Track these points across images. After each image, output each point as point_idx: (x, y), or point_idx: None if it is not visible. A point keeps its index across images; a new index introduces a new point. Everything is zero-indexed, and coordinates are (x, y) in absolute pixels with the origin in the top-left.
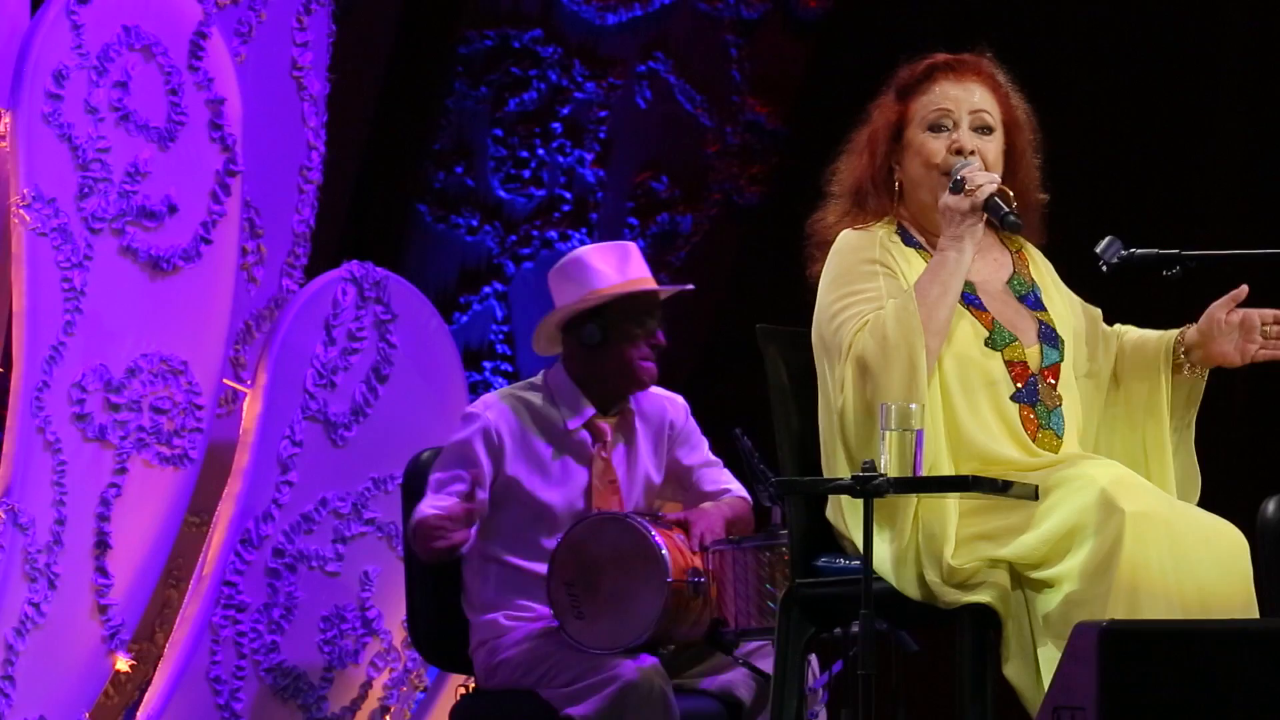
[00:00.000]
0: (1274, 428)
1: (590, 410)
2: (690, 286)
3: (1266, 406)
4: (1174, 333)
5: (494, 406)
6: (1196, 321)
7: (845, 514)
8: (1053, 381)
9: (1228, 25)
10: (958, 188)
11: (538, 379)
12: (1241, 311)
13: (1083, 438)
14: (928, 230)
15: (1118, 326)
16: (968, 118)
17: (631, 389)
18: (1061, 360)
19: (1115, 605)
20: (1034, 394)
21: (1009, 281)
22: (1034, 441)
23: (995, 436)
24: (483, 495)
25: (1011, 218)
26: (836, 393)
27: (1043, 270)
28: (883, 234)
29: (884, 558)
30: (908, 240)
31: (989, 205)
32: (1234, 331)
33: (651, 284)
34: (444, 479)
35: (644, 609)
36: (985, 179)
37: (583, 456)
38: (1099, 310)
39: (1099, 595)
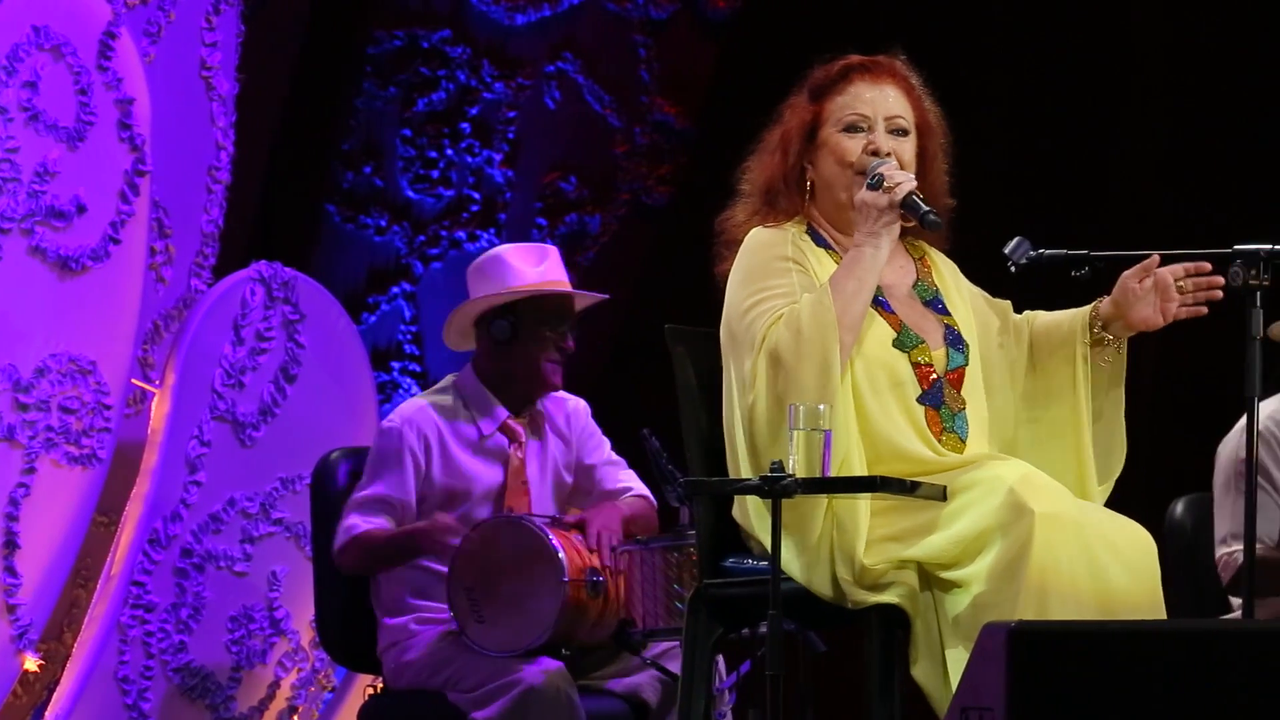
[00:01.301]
0: (1181, 429)
1: (503, 412)
2: (605, 296)
3: (1173, 408)
4: (1087, 308)
5: (410, 417)
6: (1109, 295)
7: (752, 514)
8: (958, 385)
9: (1138, 27)
10: (876, 184)
11: (447, 383)
12: (1154, 273)
13: (991, 439)
14: (839, 230)
15: (1027, 313)
16: (883, 120)
17: (537, 392)
18: (966, 364)
19: (1024, 607)
20: (939, 397)
21: (914, 286)
22: (938, 443)
23: (909, 437)
24: (411, 512)
25: (931, 216)
26: (748, 388)
27: (945, 275)
28: (794, 232)
29: (794, 557)
30: (818, 240)
31: (907, 203)
32: (1150, 295)
33: (567, 287)
34: (370, 500)
35: (542, 609)
36: (903, 177)
37: (497, 458)
38: (1008, 302)
39: (1008, 597)
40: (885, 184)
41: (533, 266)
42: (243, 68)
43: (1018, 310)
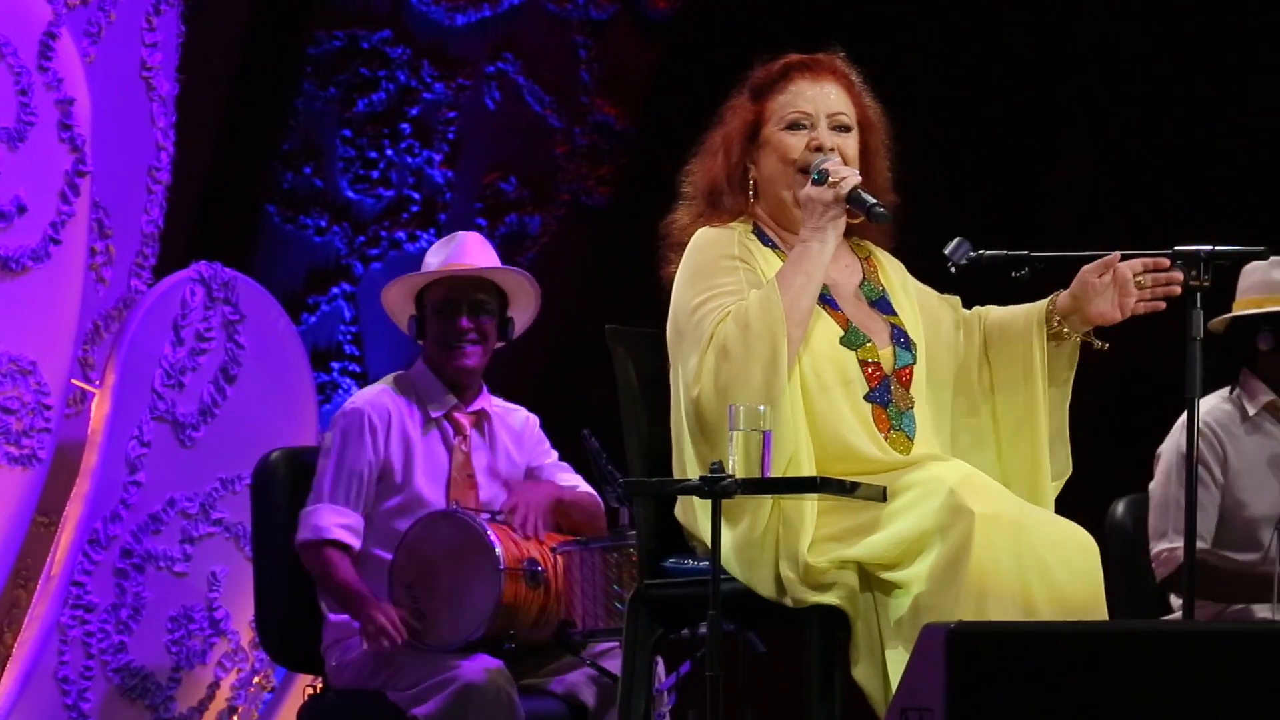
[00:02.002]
0: (1122, 430)
1: (451, 399)
2: (519, 270)
3: (1115, 409)
4: (1044, 302)
5: (370, 399)
6: (1065, 289)
7: (697, 514)
8: (906, 384)
9: (1079, 29)
10: (820, 180)
11: (399, 374)
12: (1113, 268)
13: (940, 438)
14: (784, 229)
15: (978, 308)
16: (825, 117)
17: (451, 377)
18: (914, 363)
19: (964, 608)
20: (886, 395)
21: (860, 286)
22: (885, 442)
23: (857, 434)
24: (370, 492)
25: (878, 208)
26: (693, 384)
27: (891, 275)
28: (740, 231)
29: (736, 555)
30: (764, 240)
31: (853, 197)
32: (1108, 289)
33: (464, 267)
34: (336, 486)
35: (480, 600)
36: (848, 172)
37: (445, 447)
38: (957, 297)
39: (948, 599)
40: (830, 179)
41: (438, 255)
42: (183, 68)
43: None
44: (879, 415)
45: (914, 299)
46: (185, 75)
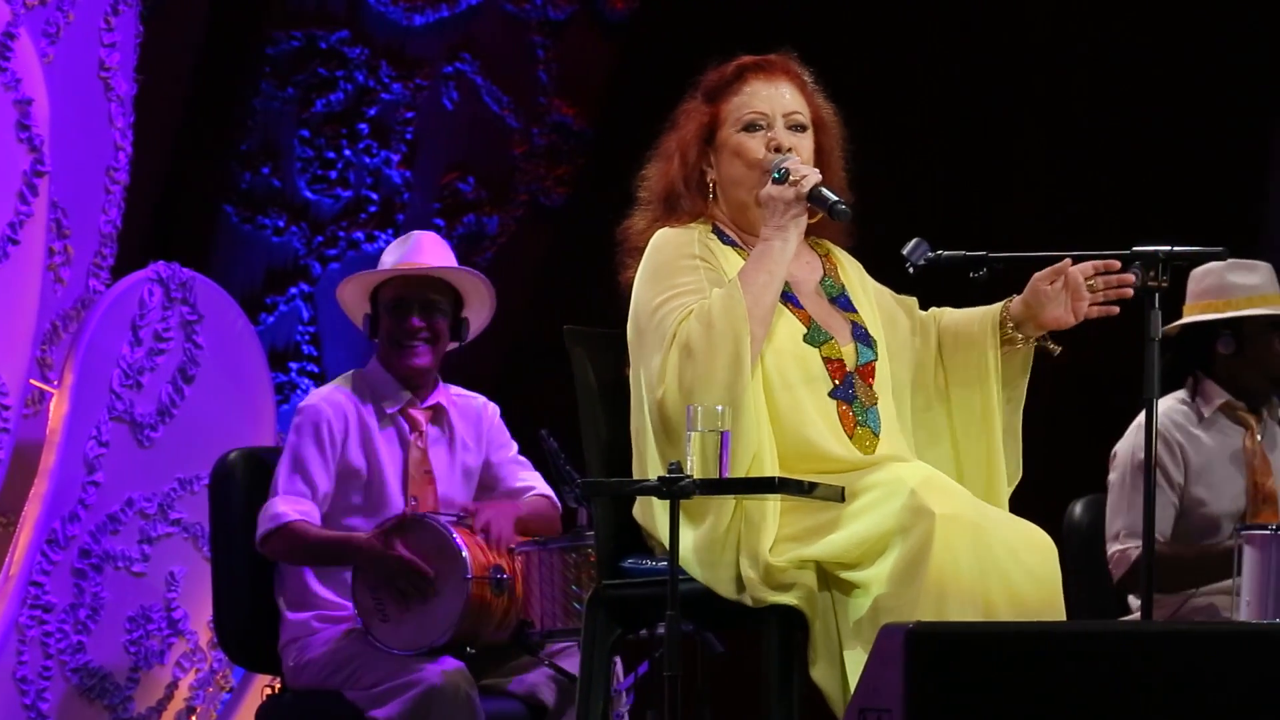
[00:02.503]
0: (1079, 431)
1: (405, 395)
2: (473, 271)
3: (1072, 410)
4: (997, 307)
5: (326, 397)
6: (1019, 294)
7: (656, 514)
8: (870, 380)
9: (1036, 29)
10: (781, 178)
11: (357, 372)
12: (1064, 274)
13: (905, 436)
14: (744, 230)
15: (934, 310)
16: (781, 117)
17: (404, 376)
18: (876, 360)
19: (923, 609)
20: (851, 391)
21: (821, 283)
22: (850, 439)
23: (821, 432)
24: (329, 488)
25: (840, 206)
26: (657, 383)
27: (850, 273)
28: (700, 231)
29: (696, 554)
30: (724, 239)
31: (814, 195)
32: (1061, 294)
33: (418, 266)
34: (294, 483)
35: (446, 608)
36: (808, 170)
37: (399, 442)
38: (914, 299)
39: (907, 600)
40: (791, 177)
41: (394, 254)
42: (141, 68)
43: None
44: (844, 412)
45: (873, 296)
46: (143, 75)
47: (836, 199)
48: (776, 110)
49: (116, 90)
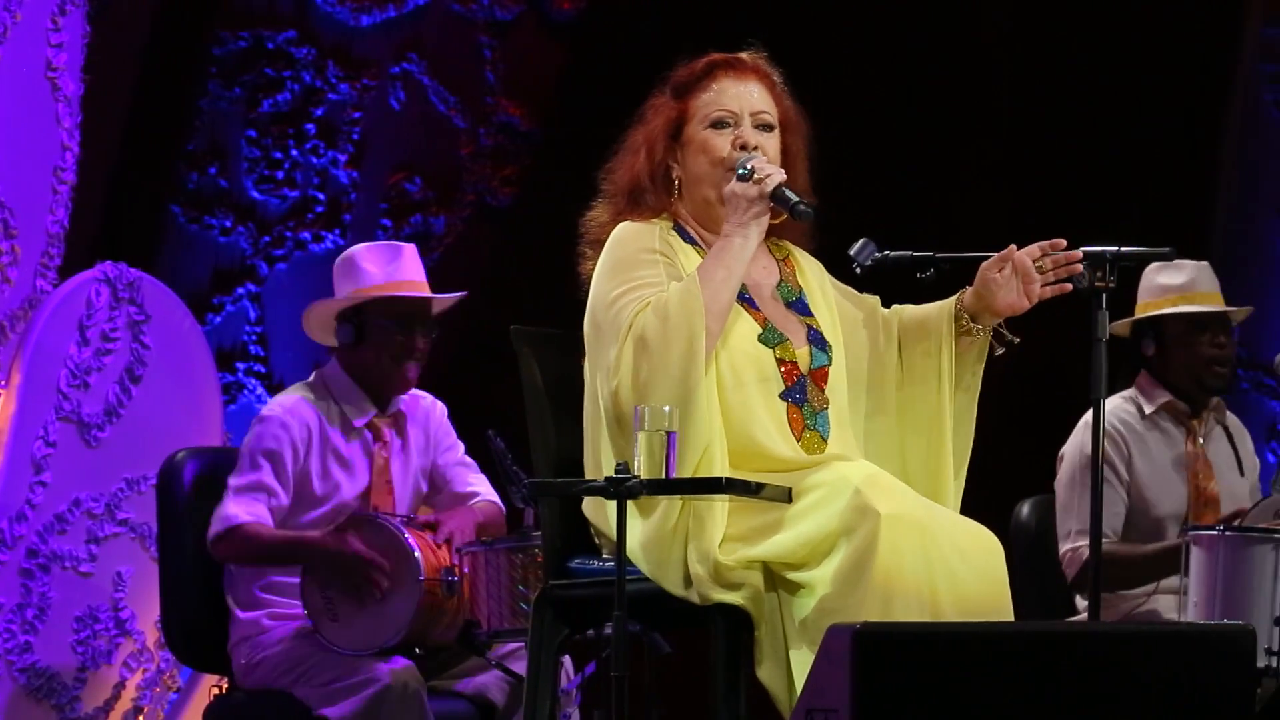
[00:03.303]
0: (1027, 431)
1: (372, 410)
2: (462, 294)
3: (1020, 410)
4: (952, 300)
5: (290, 408)
6: (971, 286)
7: (606, 511)
8: (822, 384)
9: (987, 31)
10: (745, 176)
11: (314, 379)
12: (1011, 260)
13: (856, 441)
14: (706, 228)
15: (895, 307)
16: (749, 115)
17: (391, 392)
18: (830, 364)
19: (869, 609)
20: (802, 394)
21: (778, 287)
22: (799, 441)
23: (769, 432)
24: (286, 500)
25: (801, 206)
26: (612, 375)
27: (809, 276)
28: (661, 227)
29: (645, 551)
30: (685, 237)
31: (776, 195)
32: (1011, 280)
33: (416, 289)
34: (248, 487)
35: (398, 609)
36: (772, 169)
37: (365, 454)
38: (876, 297)
39: (853, 600)
40: (755, 176)
41: (382, 267)
42: (88, 68)
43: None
44: (794, 414)
45: (831, 300)
46: (90, 75)
47: (798, 199)
48: (745, 108)
49: (64, 90)
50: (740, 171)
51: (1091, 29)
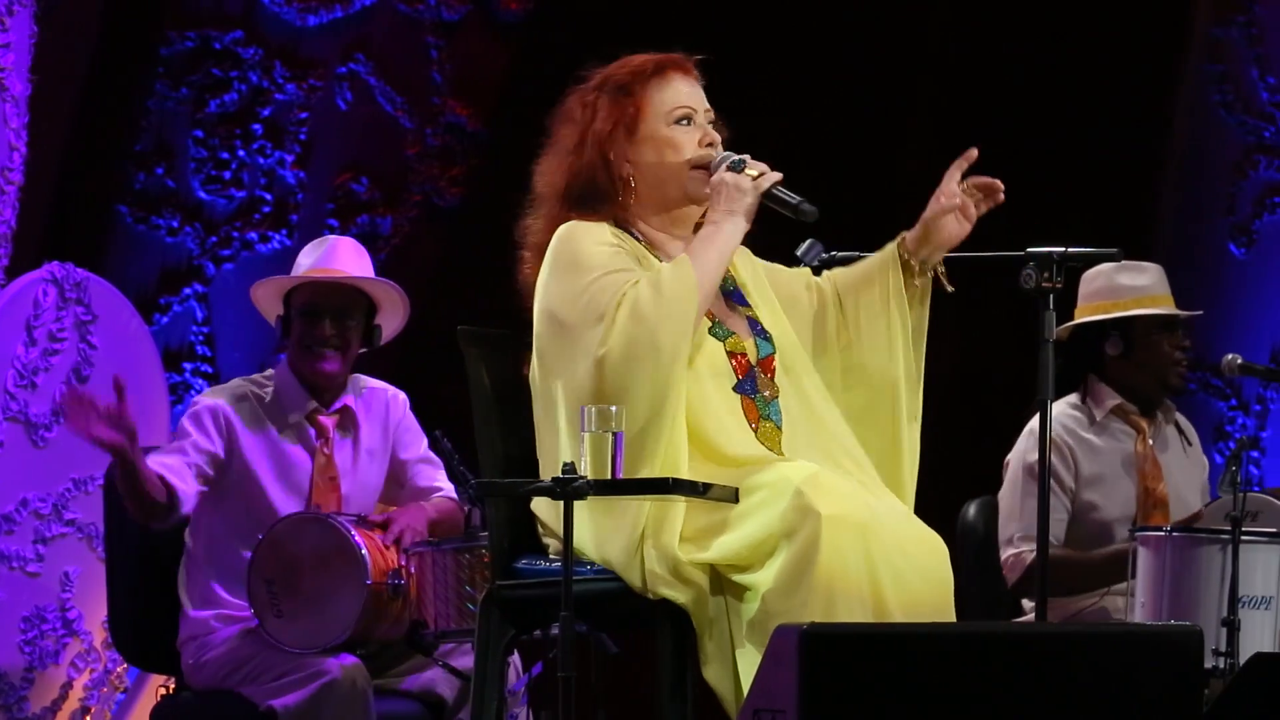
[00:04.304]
0: (973, 432)
1: (311, 403)
2: (388, 282)
3: (966, 411)
4: (892, 247)
5: (214, 404)
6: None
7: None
8: (770, 373)
9: (930, 30)
10: (737, 167)
11: (265, 374)
12: (941, 199)
13: (811, 425)
14: (661, 228)
15: (827, 273)
16: (702, 113)
17: (310, 381)
18: (775, 352)
19: (813, 610)
20: (754, 385)
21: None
22: (756, 433)
23: (723, 428)
24: (209, 473)
25: (806, 205)
26: (597, 346)
27: (740, 266)
28: (608, 227)
29: (602, 541)
30: (634, 237)
31: (775, 194)
32: (950, 213)
33: (327, 273)
34: (163, 448)
35: (343, 610)
36: (766, 167)
37: (306, 451)
38: (806, 269)
39: (796, 601)
40: (748, 170)
41: (308, 258)
42: (36, 69)
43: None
44: (748, 406)
45: (765, 285)
46: (38, 76)
47: (801, 199)
48: (699, 106)
49: (11, 90)
50: (733, 163)
51: (1037, 28)
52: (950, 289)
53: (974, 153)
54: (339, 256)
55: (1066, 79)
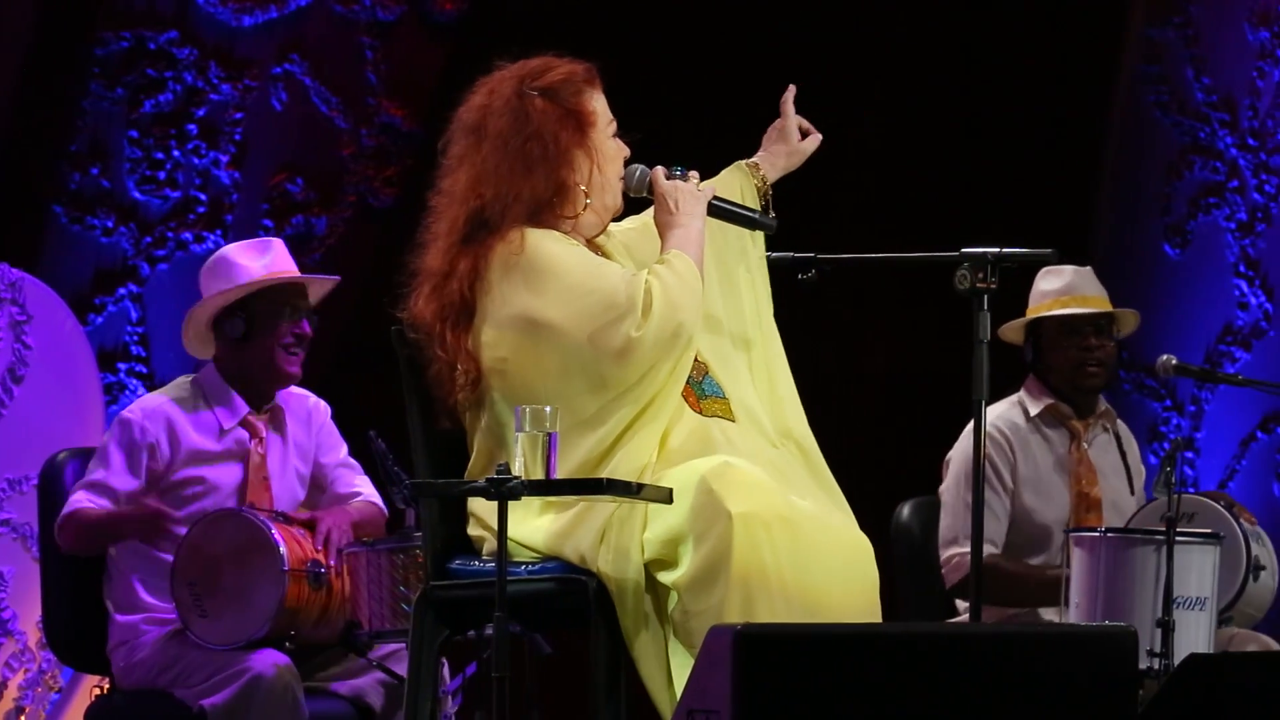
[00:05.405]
0: (908, 433)
1: (244, 407)
2: (336, 278)
3: (901, 412)
4: (741, 174)
5: (151, 410)
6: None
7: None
8: (692, 353)
9: (865, 32)
10: (681, 175)
11: (188, 379)
12: (784, 125)
13: (758, 390)
14: (591, 237)
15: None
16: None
17: (275, 385)
18: None
19: (730, 607)
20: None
21: None
22: (702, 412)
23: (679, 416)
24: (135, 489)
25: (764, 219)
26: (624, 335)
27: (618, 249)
28: (558, 233)
29: (553, 533)
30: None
31: (723, 206)
32: (792, 133)
33: (295, 273)
34: (98, 484)
35: (263, 600)
36: (699, 179)
37: (239, 454)
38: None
39: (714, 600)
40: (693, 181)
41: (258, 260)
42: None
43: None
44: (687, 391)
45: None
46: None
47: (755, 209)
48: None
49: None
50: (677, 169)
51: (973, 28)
52: (772, 215)
53: (792, 89)
54: (285, 258)
55: (1002, 79)
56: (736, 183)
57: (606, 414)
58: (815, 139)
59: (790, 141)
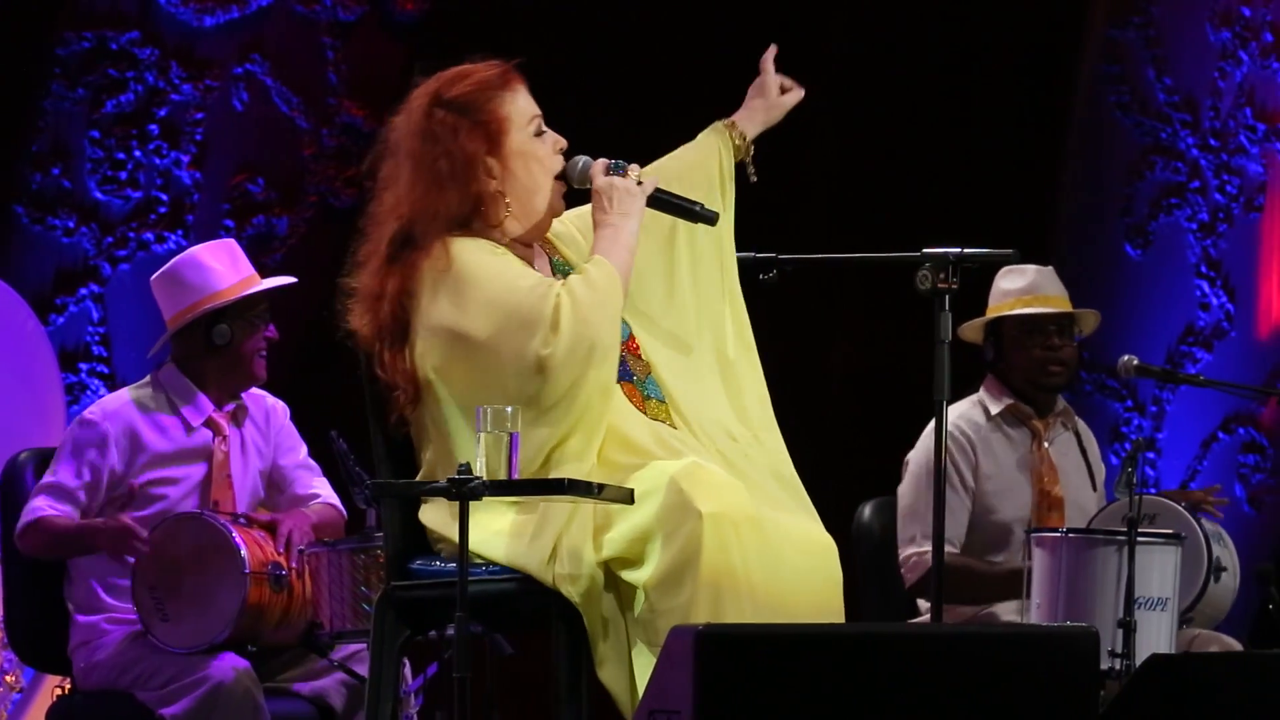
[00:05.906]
0: (871, 433)
1: (209, 405)
2: (292, 280)
3: (863, 411)
4: (718, 136)
5: (112, 411)
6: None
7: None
8: (636, 352)
9: (827, 33)
10: (619, 170)
11: (149, 380)
12: (765, 82)
13: (700, 388)
14: (521, 239)
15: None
16: (540, 119)
17: (246, 385)
18: (631, 333)
19: (699, 607)
20: (627, 370)
21: (554, 270)
22: (645, 414)
23: (623, 415)
24: (90, 504)
25: (704, 209)
26: (534, 351)
27: (564, 246)
28: (484, 241)
29: (509, 535)
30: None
31: (664, 198)
32: (771, 90)
33: (266, 282)
34: (58, 487)
35: (224, 603)
36: (639, 168)
37: (203, 452)
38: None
39: (681, 600)
40: (630, 175)
41: (228, 265)
42: None
43: None
44: (631, 391)
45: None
46: None
47: (697, 202)
48: (539, 112)
49: None
50: (615, 165)
51: (934, 28)
52: (754, 178)
53: (773, 49)
54: (247, 259)
55: (963, 79)
56: (714, 145)
57: (539, 424)
58: (797, 93)
59: (769, 96)
